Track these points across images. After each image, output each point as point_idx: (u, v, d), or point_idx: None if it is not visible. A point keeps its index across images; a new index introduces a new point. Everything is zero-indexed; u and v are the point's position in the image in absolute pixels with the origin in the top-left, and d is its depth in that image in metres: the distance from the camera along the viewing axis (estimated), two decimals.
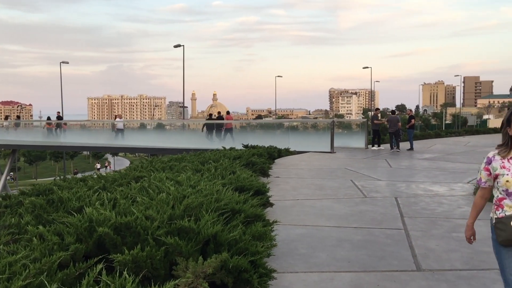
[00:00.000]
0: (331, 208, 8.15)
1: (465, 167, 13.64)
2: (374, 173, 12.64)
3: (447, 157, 17.08)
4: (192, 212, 4.78)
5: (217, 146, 16.81)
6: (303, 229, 6.65)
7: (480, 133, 34.97)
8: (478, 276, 4.83)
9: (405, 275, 4.82)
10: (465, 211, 7.90)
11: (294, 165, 14.39)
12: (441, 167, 13.99)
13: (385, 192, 9.69)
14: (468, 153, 18.62)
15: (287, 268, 4.97)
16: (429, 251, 5.67)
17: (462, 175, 12.01)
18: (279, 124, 30.43)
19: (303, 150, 18.68)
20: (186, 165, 8.99)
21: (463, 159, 16.22)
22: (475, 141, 26.09)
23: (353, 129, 27.61)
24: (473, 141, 26.15)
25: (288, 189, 10.06)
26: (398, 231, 6.62)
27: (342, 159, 16.30)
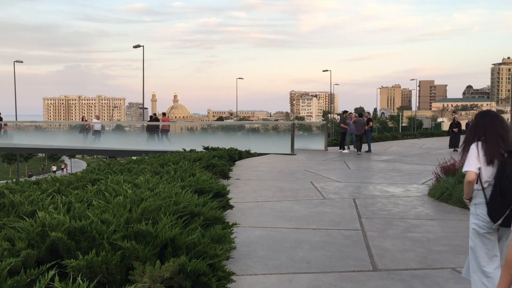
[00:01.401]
0: (291, 209, 8.21)
1: (420, 169, 14.03)
2: (333, 174, 12.82)
3: (403, 159, 17.54)
4: (150, 215, 4.71)
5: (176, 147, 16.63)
6: (263, 231, 6.67)
7: (435, 136, 36.14)
8: (431, 275, 4.96)
9: (362, 275, 4.91)
10: (420, 211, 8.13)
11: (255, 167, 14.42)
12: (397, 168, 14.35)
13: (344, 194, 9.84)
14: (423, 155, 19.17)
15: (246, 270, 4.97)
16: (385, 251, 5.79)
17: (417, 177, 12.36)
18: (240, 126, 30.45)
19: (264, 152, 18.75)
20: (145, 168, 8.85)
21: (418, 161, 16.69)
22: (430, 143, 26.92)
23: (313, 131, 27.92)
24: (428, 143, 26.97)
25: (248, 191, 10.07)
26: (356, 232, 6.73)
27: (302, 161, 16.46)
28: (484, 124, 3.92)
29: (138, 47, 41.09)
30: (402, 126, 73.39)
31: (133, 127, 37.04)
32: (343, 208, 8.34)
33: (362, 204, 8.73)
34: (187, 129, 33.62)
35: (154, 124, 26.32)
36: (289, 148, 19.21)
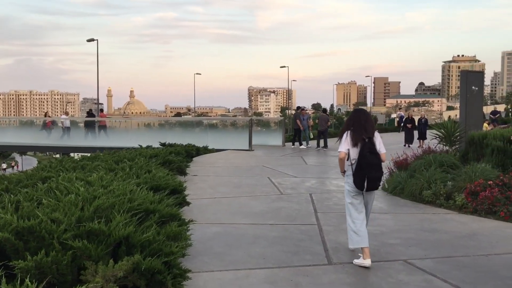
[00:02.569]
0: (248, 205, 8.22)
1: None
2: (290, 170, 12.93)
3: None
4: (103, 213, 4.60)
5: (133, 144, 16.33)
6: (220, 227, 6.65)
7: (389, 131, 37.08)
8: (384, 267, 5.09)
9: (317, 269, 4.98)
10: (374, 205, 8.23)
11: (212, 163, 14.37)
12: None
13: (300, 189, 9.95)
14: None
15: (202, 267, 4.94)
16: (340, 245, 5.89)
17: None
18: (198, 122, 30.23)
19: (222, 148, 18.69)
20: (99, 165, 8.64)
21: None
22: (384, 139, 27.50)
23: (271, 127, 28.03)
24: (382, 139, 27.61)
25: (206, 187, 10.02)
26: (312, 226, 6.82)
27: (260, 157, 16.52)
28: (353, 118, 5.37)
29: (92, 41, 40.03)
30: None
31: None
32: (299, 203, 8.42)
33: (319, 199, 8.86)
34: (144, 125, 33.05)
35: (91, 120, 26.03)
36: (247, 144, 19.23)
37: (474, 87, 11.53)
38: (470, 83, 11.64)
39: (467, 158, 10.18)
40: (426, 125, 21.73)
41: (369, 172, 5.05)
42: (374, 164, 5.08)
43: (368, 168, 5.04)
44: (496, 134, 9.79)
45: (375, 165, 5.09)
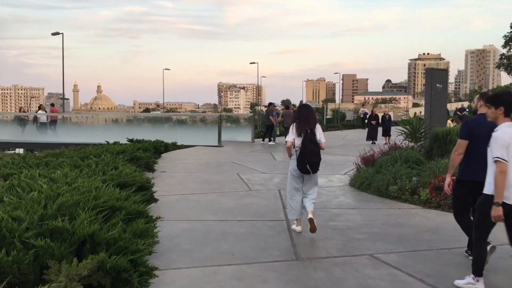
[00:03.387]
0: (217, 202, 8.20)
1: (343, 159, 14.52)
2: (259, 166, 12.95)
3: (326, 150, 17.96)
4: (67, 211, 4.50)
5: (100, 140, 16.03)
6: (188, 224, 6.60)
7: (356, 128, 37.57)
8: (351, 262, 5.16)
9: (285, 265, 5.00)
10: (341, 201, 8.43)
11: (181, 160, 14.25)
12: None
13: (269, 185, 9.98)
14: (345, 146, 19.88)
15: (170, 264, 4.89)
16: (308, 240, 5.94)
17: (340, 167, 12.79)
18: (167, 118, 29.90)
19: (191, 144, 18.55)
20: (63, 161, 8.45)
21: (341, 152, 17.27)
22: (352, 135, 27.97)
23: (241, 123, 27.99)
24: (350, 135, 28.01)
25: (174, 183, 9.93)
26: (280, 222, 6.85)
27: (229, 153, 16.48)
28: (298, 112, 6.33)
29: (58, 35, 39.07)
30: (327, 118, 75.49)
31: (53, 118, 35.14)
32: (268, 199, 8.45)
33: (287, 195, 8.88)
34: (111, 121, 32.47)
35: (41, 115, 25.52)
36: (216, 140, 19.16)
37: (438, 85, 11.81)
38: (434, 80, 11.90)
39: (432, 154, 10.41)
40: (390, 122, 22.12)
41: (310, 158, 5.97)
42: (313, 151, 6.01)
43: (308, 155, 5.97)
44: (459, 131, 10.04)
45: (315, 153, 6.02)
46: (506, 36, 47.36)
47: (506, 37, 47.40)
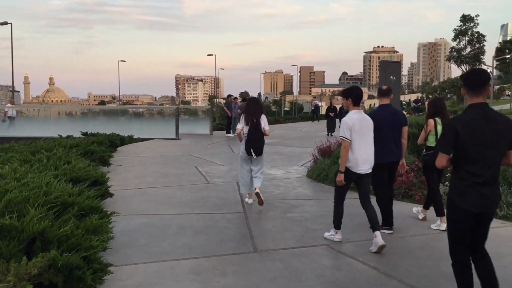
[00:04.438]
0: (174, 195, 8.10)
1: (300, 151, 14.66)
2: (217, 159, 12.89)
3: (284, 142, 18.20)
4: (16, 208, 4.32)
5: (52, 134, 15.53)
6: (145, 219, 6.49)
7: (314, 119, 38.02)
8: (308, 252, 5.21)
9: (243, 257, 5.00)
10: (299, 192, 8.50)
11: (138, 153, 14.00)
12: (279, 151, 14.84)
13: (228, 177, 9.95)
14: (302, 138, 20.09)
15: (125, 260, 4.79)
16: (266, 232, 5.97)
17: (297, 159, 12.90)
18: (123, 110, 29.25)
19: (148, 137, 18.26)
20: (13, 156, 8.11)
21: (299, 144, 17.44)
22: (309, 127, 28.31)
23: (199, 115, 27.74)
24: (307, 127, 28.33)
25: (130, 177, 9.74)
26: (238, 214, 6.84)
27: (187, 146, 16.33)
28: (247, 105, 7.56)
29: (6, 24, 37.45)
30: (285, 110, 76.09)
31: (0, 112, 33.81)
32: (226, 192, 8.43)
33: None
34: (65, 114, 31.46)
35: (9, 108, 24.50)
36: (174, 133, 18.93)
37: (392, 77, 12.08)
38: (388, 73, 12.17)
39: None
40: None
41: (254, 143, 7.11)
42: (257, 138, 7.15)
43: (253, 140, 7.12)
44: (411, 122, 10.32)
45: (258, 139, 7.16)
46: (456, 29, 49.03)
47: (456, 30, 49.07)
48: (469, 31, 47.65)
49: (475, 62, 47.73)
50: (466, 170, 3.46)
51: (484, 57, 48.39)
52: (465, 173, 3.47)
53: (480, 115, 3.46)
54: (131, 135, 17.19)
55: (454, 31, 49.66)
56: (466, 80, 3.60)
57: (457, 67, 49.19)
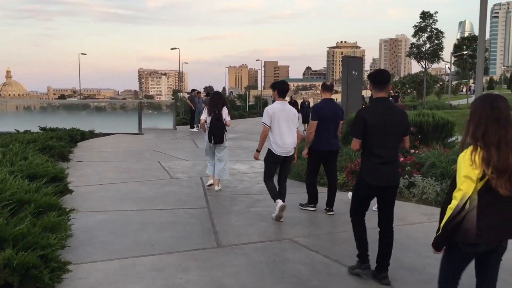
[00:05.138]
0: (137, 191, 7.98)
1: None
2: (181, 153, 12.78)
3: (248, 137, 18.22)
4: None
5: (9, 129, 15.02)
6: (105, 215, 6.37)
7: None
8: (271, 246, 5.24)
9: (207, 253, 4.98)
10: (263, 187, 8.44)
11: (99, 148, 13.71)
12: (243, 146, 14.85)
13: (191, 172, 9.88)
14: None
15: (85, 258, 4.68)
16: (230, 227, 5.95)
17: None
18: (84, 104, 28.56)
19: (110, 132, 17.91)
20: None
21: None
22: None
23: (163, 110, 27.40)
24: None
25: (91, 173, 9.53)
26: (202, 210, 6.80)
27: (150, 141, 16.12)
28: (211, 97, 8.32)
29: None
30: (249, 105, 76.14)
31: None
32: (190, 187, 8.36)
33: None
34: (23, 108, 30.44)
35: None
36: (136, 127, 18.65)
37: (354, 72, 12.25)
38: (351, 68, 12.34)
39: (348, 139, 10.81)
40: (309, 109, 22.70)
41: (215, 133, 7.83)
42: (218, 127, 7.83)
43: (215, 129, 7.83)
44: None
45: (219, 128, 7.84)
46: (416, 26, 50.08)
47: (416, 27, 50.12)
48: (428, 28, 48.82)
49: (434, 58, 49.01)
50: (372, 153, 4.15)
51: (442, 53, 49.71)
52: (372, 155, 4.16)
53: (383, 108, 4.17)
54: (92, 130, 16.83)
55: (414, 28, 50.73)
56: (372, 78, 4.29)
57: (417, 62, 50.36)
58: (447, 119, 11.97)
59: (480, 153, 2.68)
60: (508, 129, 2.69)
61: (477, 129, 2.71)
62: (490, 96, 2.84)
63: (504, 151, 2.66)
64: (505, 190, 2.66)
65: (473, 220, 2.72)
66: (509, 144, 2.67)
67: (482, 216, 2.72)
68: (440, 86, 69.42)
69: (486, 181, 2.69)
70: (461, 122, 19.74)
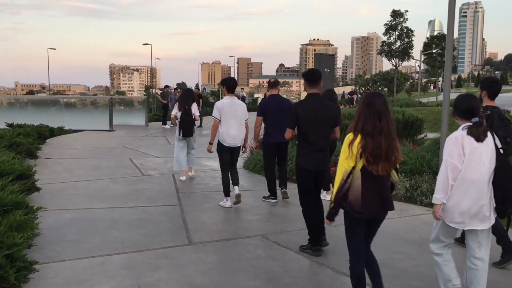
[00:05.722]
0: (107, 188, 7.86)
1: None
2: (153, 150, 12.65)
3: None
4: None
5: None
6: (75, 213, 6.25)
7: (251, 111, 38.19)
8: (243, 243, 5.24)
9: (178, 250, 4.94)
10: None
11: (69, 145, 13.44)
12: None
13: (163, 169, 9.79)
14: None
15: (53, 257, 4.59)
16: (201, 224, 5.92)
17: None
18: (54, 100, 27.95)
19: (80, 128, 17.58)
20: None
21: None
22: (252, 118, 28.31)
23: (135, 106, 27.05)
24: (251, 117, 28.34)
25: (60, 171, 9.34)
26: (174, 207, 6.75)
27: (122, 137, 15.90)
28: (181, 94, 9.02)
29: None
30: None
31: None
32: (161, 184, 8.29)
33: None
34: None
35: None
36: (107, 124, 18.37)
37: (326, 69, 12.34)
38: (323, 65, 12.42)
39: None
40: None
41: (185, 126, 8.40)
42: (188, 121, 8.42)
43: (184, 124, 8.41)
44: (344, 114, 10.63)
45: (189, 122, 8.43)
46: (387, 24, 50.77)
47: (387, 25, 50.80)
48: (398, 26, 49.57)
49: (404, 56, 49.83)
50: (306, 141, 4.77)
51: (412, 51, 50.55)
52: (306, 143, 4.78)
53: (314, 102, 4.80)
54: (61, 127, 16.50)
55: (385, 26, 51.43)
56: (306, 76, 4.90)
57: (388, 60, 51.08)
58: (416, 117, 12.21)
59: (360, 141, 3.26)
60: (382, 119, 3.28)
61: (358, 123, 3.31)
62: (368, 94, 3.44)
63: (377, 138, 3.25)
64: (381, 171, 3.26)
65: (359, 193, 3.29)
66: (381, 132, 3.27)
67: (365, 190, 3.30)
68: (411, 84, 70.61)
69: None
70: (430, 120, 20.19)
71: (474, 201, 3.45)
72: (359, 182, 3.29)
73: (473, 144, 3.46)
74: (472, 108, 3.55)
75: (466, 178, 3.45)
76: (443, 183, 3.48)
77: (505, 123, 4.67)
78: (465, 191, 3.46)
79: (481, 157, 3.47)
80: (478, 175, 3.46)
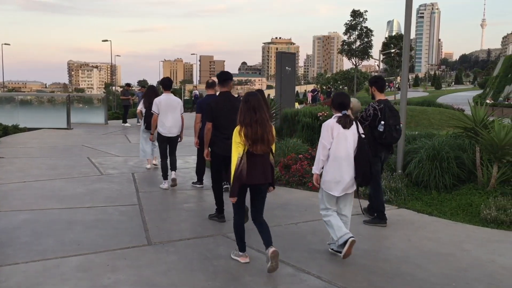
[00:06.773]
0: (64, 188, 7.63)
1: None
2: (112, 149, 12.39)
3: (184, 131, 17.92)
4: None
5: None
6: (29, 214, 6.03)
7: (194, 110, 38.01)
8: (205, 242, 5.18)
9: (137, 251, 4.84)
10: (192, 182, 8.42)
11: (24, 144, 13.00)
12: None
13: (123, 168, 9.60)
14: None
15: (5, 260, 4.41)
16: (161, 223, 5.83)
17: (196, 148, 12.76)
18: (8, 98, 26.97)
19: (36, 126, 17.05)
20: None
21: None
22: None
23: (94, 104, 26.43)
24: None
25: (14, 170, 9.01)
26: (133, 207, 6.62)
27: (80, 136, 15.50)
28: (146, 91, 9.78)
29: None
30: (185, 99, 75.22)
31: None
32: (121, 184, 8.12)
33: (141, 178, 8.66)
34: None
35: None
36: (65, 122, 17.87)
37: (287, 68, 12.40)
38: (284, 63, 12.47)
39: (281, 134, 10.94)
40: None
41: (149, 120, 8.67)
42: (149, 116, 8.79)
43: (148, 118, 8.91)
44: (305, 112, 10.70)
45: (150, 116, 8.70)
46: (347, 24, 51.62)
47: (347, 25, 51.66)
48: (358, 26, 50.45)
49: (364, 56, 50.76)
50: (218, 130, 5.70)
51: (371, 50, 51.61)
52: (218, 132, 5.70)
53: (224, 98, 5.85)
54: (16, 125, 15.96)
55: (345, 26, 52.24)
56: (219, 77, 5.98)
57: (348, 59, 51.98)
58: None
59: (243, 130, 4.22)
60: (257, 112, 4.26)
61: (240, 116, 4.29)
62: (246, 94, 4.46)
63: (254, 127, 4.22)
64: (259, 151, 4.25)
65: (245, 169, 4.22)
66: (257, 122, 4.23)
67: (248, 166, 4.23)
68: None
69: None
70: None
71: (342, 173, 4.61)
72: (245, 160, 4.23)
73: (340, 130, 4.61)
74: (343, 102, 4.71)
75: (336, 156, 4.61)
76: (317, 159, 4.71)
77: (394, 113, 5.77)
78: (335, 166, 4.61)
79: (347, 140, 4.62)
80: (344, 153, 4.62)
